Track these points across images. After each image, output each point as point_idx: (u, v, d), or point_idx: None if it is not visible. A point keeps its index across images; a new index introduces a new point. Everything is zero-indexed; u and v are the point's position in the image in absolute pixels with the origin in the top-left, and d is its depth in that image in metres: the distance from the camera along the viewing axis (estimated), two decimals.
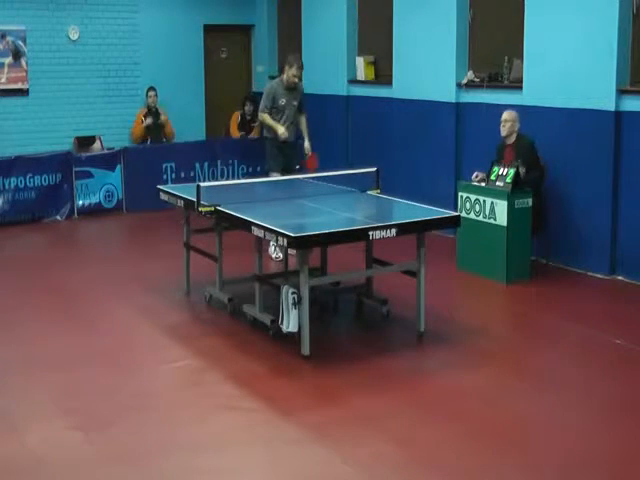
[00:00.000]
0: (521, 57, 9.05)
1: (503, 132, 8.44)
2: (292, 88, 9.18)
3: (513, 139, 8.44)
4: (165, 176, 11.89)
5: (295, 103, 9.23)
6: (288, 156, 9.30)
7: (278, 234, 5.97)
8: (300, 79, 9.31)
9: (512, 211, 7.99)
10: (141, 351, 6.53)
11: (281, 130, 9.05)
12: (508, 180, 8.04)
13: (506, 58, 9.33)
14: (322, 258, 7.60)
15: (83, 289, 8.10)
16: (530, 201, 8.09)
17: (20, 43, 12.00)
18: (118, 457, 4.80)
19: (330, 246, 7.14)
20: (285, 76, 9.14)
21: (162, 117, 12.53)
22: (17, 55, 12.01)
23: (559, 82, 8.56)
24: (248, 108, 12.77)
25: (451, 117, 9.99)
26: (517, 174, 8.04)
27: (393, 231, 6.22)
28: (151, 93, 12.38)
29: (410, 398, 5.56)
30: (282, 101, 9.14)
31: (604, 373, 6.07)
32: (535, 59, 8.82)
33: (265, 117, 9.18)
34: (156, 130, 12.48)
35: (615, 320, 7.16)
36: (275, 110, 9.14)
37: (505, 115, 8.43)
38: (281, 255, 8.80)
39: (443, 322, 7.04)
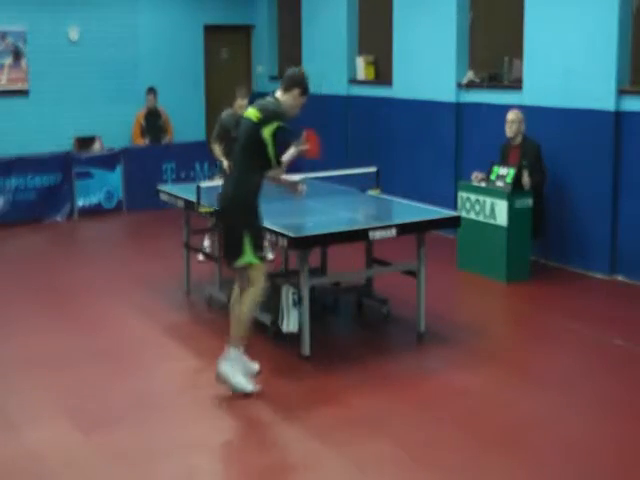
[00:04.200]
0: (521, 57, 9.06)
1: (509, 133, 8.37)
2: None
3: (519, 140, 8.40)
4: (165, 176, 11.91)
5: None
6: None
7: (278, 234, 5.97)
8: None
9: (512, 211, 7.99)
10: (141, 351, 6.53)
11: (226, 164, 8.20)
12: (508, 180, 8.04)
13: (506, 58, 9.33)
14: (322, 258, 7.60)
15: (83, 289, 8.10)
16: (530, 201, 8.09)
17: (20, 43, 12.01)
18: (118, 457, 4.80)
19: (330, 246, 7.14)
20: (235, 108, 8.70)
21: (163, 117, 12.53)
22: (17, 56, 12.02)
23: (559, 82, 8.56)
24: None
25: (451, 117, 9.99)
26: (518, 177, 8.03)
27: (393, 231, 6.22)
28: (150, 96, 12.34)
29: (410, 398, 5.57)
30: (234, 133, 8.42)
31: (604, 373, 6.07)
32: (535, 59, 8.82)
33: (214, 147, 8.74)
34: (156, 131, 12.47)
35: (615, 320, 7.16)
36: (228, 142, 8.17)
37: (511, 115, 8.37)
38: (271, 255, 8.80)
39: (443, 322, 7.04)
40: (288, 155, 5.83)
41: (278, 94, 5.67)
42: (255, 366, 5.86)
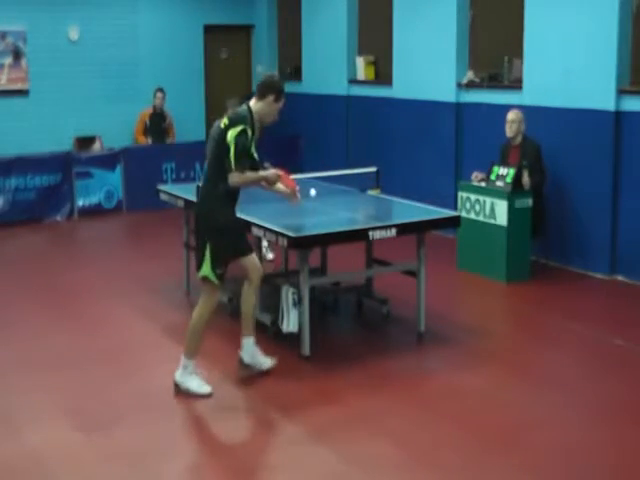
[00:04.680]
0: (521, 57, 9.06)
1: (509, 133, 8.36)
2: None
3: (519, 140, 8.39)
4: (165, 176, 11.91)
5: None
6: None
7: (278, 234, 5.97)
8: None
9: (512, 211, 7.99)
10: (141, 351, 6.53)
11: None
12: (508, 180, 8.04)
13: (506, 58, 9.33)
14: (322, 258, 7.60)
15: (83, 289, 8.10)
16: (530, 201, 8.09)
17: (20, 43, 12.01)
18: (118, 457, 4.80)
19: (330, 246, 7.13)
20: None
21: (167, 120, 12.50)
22: (17, 55, 12.02)
23: (559, 82, 8.56)
24: None
25: (451, 117, 10.00)
26: (518, 177, 8.02)
27: (393, 231, 6.22)
28: (159, 95, 12.29)
29: (410, 398, 5.57)
30: None
31: (604, 373, 6.07)
32: (535, 59, 8.82)
33: None
34: (159, 133, 12.45)
35: (615, 320, 7.16)
36: None
37: (511, 115, 8.36)
38: (271, 255, 8.77)
39: (443, 322, 7.04)
40: (263, 173, 5.77)
41: (252, 102, 5.70)
42: (269, 361, 5.89)
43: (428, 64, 10.19)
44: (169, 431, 5.17)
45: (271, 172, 5.81)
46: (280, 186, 5.92)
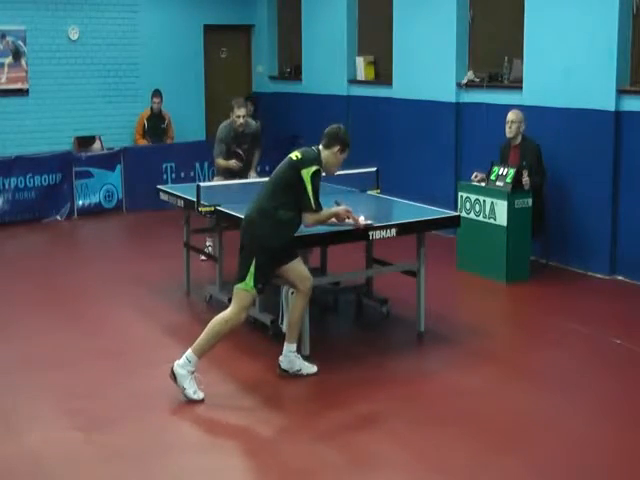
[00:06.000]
0: (521, 57, 9.06)
1: (509, 134, 8.35)
2: (242, 133, 8.66)
3: (519, 140, 8.39)
4: (165, 176, 11.91)
5: (240, 151, 8.71)
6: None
7: None
8: (246, 119, 8.70)
9: (512, 211, 7.99)
10: (141, 351, 6.53)
11: (232, 162, 8.63)
12: (508, 180, 8.04)
13: (506, 58, 9.34)
14: (322, 258, 7.60)
15: (83, 289, 8.10)
16: (530, 201, 8.08)
17: (20, 43, 12.01)
18: (118, 457, 4.80)
19: (330, 246, 7.13)
20: (233, 119, 8.65)
21: (166, 121, 12.50)
22: (17, 55, 12.02)
23: (559, 82, 8.56)
24: (249, 109, 12.74)
25: (451, 117, 9.99)
26: (518, 177, 8.02)
27: (393, 231, 6.22)
28: (156, 99, 12.30)
29: (410, 398, 5.57)
30: (232, 147, 8.69)
31: (604, 373, 6.07)
32: (535, 59, 8.82)
33: (219, 162, 8.68)
34: (159, 134, 12.45)
35: (615, 320, 7.16)
36: (227, 154, 8.68)
37: (511, 116, 8.35)
38: None
39: (443, 322, 7.04)
40: (334, 209, 5.87)
41: (320, 147, 5.79)
42: (309, 367, 5.88)
43: (428, 64, 10.19)
44: (169, 431, 5.17)
45: (341, 208, 5.93)
46: (349, 221, 6.00)
